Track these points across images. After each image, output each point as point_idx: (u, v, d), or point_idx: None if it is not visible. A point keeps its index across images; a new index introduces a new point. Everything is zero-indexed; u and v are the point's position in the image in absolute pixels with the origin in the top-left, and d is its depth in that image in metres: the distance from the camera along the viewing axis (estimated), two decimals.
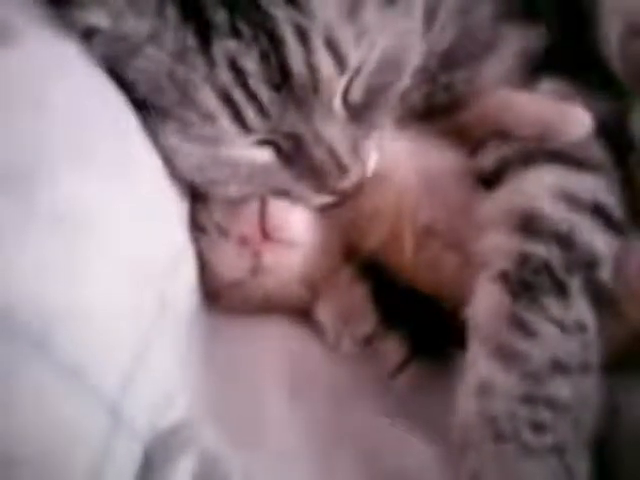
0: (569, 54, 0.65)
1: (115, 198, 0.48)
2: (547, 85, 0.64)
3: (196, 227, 0.61)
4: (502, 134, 0.62)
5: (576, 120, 0.60)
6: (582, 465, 0.51)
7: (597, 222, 0.57)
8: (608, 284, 0.56)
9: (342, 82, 0.55)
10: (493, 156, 0.62)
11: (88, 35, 0.52)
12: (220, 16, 0.51)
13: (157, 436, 0.47)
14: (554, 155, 0.60)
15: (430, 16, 0.61)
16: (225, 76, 0.52)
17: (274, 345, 0.61)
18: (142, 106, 0.55)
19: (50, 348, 0.40)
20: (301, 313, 0.63)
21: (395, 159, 0.62)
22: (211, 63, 0.51)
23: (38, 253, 0.41)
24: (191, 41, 0.51)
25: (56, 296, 0.41)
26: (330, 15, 0.52)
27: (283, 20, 0.51)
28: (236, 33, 0.51)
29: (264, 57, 0.52)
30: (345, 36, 0.53)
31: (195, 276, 0.60)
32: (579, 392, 0.52)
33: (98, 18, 0.52)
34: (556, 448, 0.50)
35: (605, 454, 0.52)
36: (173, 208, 0.58)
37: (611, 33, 0.65)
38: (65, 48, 0.52)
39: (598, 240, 0.56)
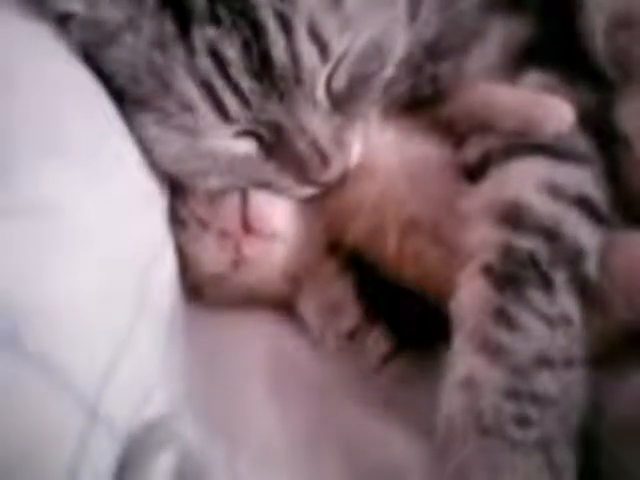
0: (555, 45, 0.64)
1: (90, 189, 0.47)
2: (532, 76, 0.63)
3: (176, 220, 0.60)
4: (485, 127, 0.62)
5: (558, 114, 0.60)
6: (567, 459, 0.50)
7: (582, 215, 0.56)
8: (593, 277, 0.55)
9: (325, 71, 0.54)
10: (477, 149, 0.62)
11: (63, 21, 0.52)
12: (199, 2, 0.50)
13: (136, 432, 0.46)
14: (538, 147, 0.59)
15: (414, 6, 0.61)
16: (205, 64, 0.51)
17: (257, 340, 0.61)
18: (120, 96, 0.54)
19: (21, 344, 0.39)
20: (284, 307, 0.63)
21: (379, 151, 0.62)
22: (190, 51, 0.51)
23: (6, 247, 0.40)
24: (170, 28, 0.51)
25: (26, 290, 0.40)
26: (313, 3, 0.51)
27: (265, 7, 0.50)
28: (216, 20, 0.50)
29: (245, 45, 0.51)
30: (328, 24, 0.52)
31: (175, 270, 0.59)
32: (564, 387, 0.51)
33: (71, 3, 0.51)
34: (541, 443, 0.50)
35: (590, 448, 0.51)
36: (152, 200, 0.57)
37: (596, 24, 0.64)
38: (39, 35, 0.51)
39: (583, 233, 0.56)
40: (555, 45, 0.64)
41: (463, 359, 0.52)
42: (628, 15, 0.63)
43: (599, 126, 0.62)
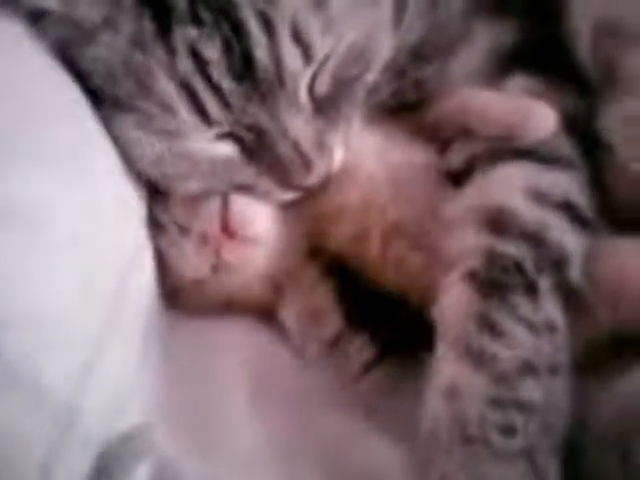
0: (540, 50, 0.64)
1: (67, 194, 0.47)
2: (517, 81, 0.63)
3: (155, 225, 0.60)
4: (469, 133, 0.61)
5: (539, 120, 0.60)
6: (552, 468, 0.50)
7: (567, 220, 0.56)
8: (578, 284, 0.55)
9: (308, 74, 0.53)
10: (461, 154, 0.62)
11: (36, 18, 0.51)
12: (180, 2, 0.49)
13: (112, 441, 0.46)
14: (523, 152, 0.59)
15: (399, 9, 0.60)
16: (185, 65, 0.50)
17: (236, 347, 0.60)
18: (98, 97, 0.53)
19: None
20: (265, 314, 0.62)
21: (363, 155, 0.61)
22: (170, 51, 0.50)
23: None
24: (149, 27, 0.50)
25: (5, 295, 0.40)
26: (296, 3, 0.51)
27: (246, 7, 0.50)
28: (197, 20, 0.50)
29: (226, 46, 0.50)
30: (312, 26, 0.51)
31: (153, 275, 0.58)
32: (549, 394, 0.51)
33: (46, 0, 0.50)
34: (525, 451, 0.49)
35: (574, 456, 0.51)
36: (130, 204, 0.56)
37: (581, 30, 0.64)
38: (18, 37, 0.50)
39: (568, 239, 0.55)
40: (540, 50, 0.64)
41: (446, 366, 0.51)
42: (613, 22, 0.63)
43: (583, 132, 0.62)
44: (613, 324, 0.56)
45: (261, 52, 0.50)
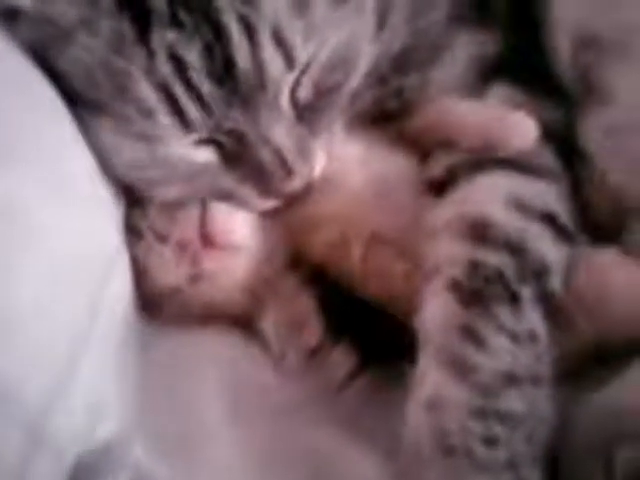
0: (522, 60, 0.64)
1: (42, 195, 0.46)
2: (498, 90, 0.63)
3: (132, 232, 0.59)
4: (447, 144, 0.61)
5: (521, 130, 0.60)
6: (535, 478, 0.49)
7: (548, 230, 0.56)
8: (559, 294, 0.55)
9: (290, 79, 0.53)
10: (442, 163, 0.61)
11: (11, 18, 0.50)
12: (159, 3, 0.49)
13: (87, 453, 0.45)
14: (504, 162, 0.59)
15: (381, 18, 0.60)
16: (164, 68, 0.49)
17: (214, 356, 0.59)
18: (75, 99, 0.52)
19: None
20: (244, 323, 0.61)
21: (345, 164, 0.61)
22: (150, 54, 0.49)
23: None
24: (128, 29, 0.49)
25: None
26: (278, 7, 0.50)
27: (227, 10, 0.49)
28: (177, 22, 0.49)
29: (207, 49, 0.49)
30: (294, 30, 0.51)
31: (130, 283, 0.57)
32: (532, 405, 0.50)
33: None
34: (508, 462, 0.49)
35: (557, 465, 0.51)
36: (107, 210, 0.55)
37: (562, 43, 0.65)
38: None
39: (549, 249, 0.55)
40: (521, 60, 0.64)
41: (429, 376, 0.51)
42: (592, 34, 0.64)
43: (564, 142, 0.62)
44: (595, 335, 0.56)
45: (242, 56, 0.50)
